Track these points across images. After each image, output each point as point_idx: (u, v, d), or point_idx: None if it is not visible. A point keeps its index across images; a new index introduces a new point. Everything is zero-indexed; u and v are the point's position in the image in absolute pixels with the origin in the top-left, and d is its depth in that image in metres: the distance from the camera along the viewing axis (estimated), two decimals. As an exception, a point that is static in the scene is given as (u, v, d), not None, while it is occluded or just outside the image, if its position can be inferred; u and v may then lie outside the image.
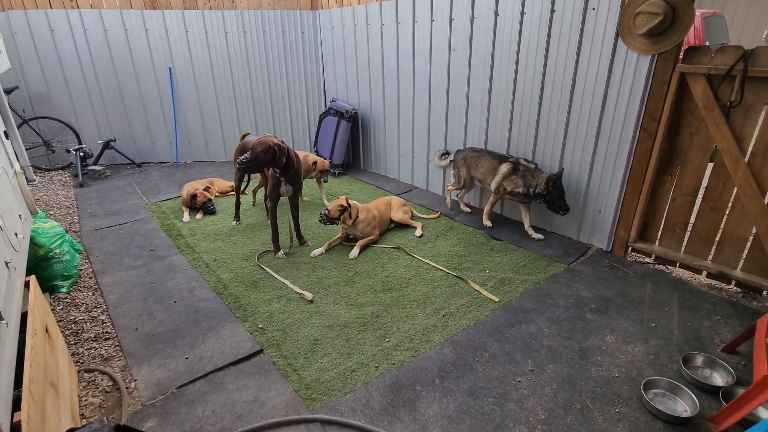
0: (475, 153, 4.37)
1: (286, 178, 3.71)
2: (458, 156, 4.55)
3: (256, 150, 3.45)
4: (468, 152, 4.43)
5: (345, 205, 3.93)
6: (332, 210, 3.92)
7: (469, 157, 4.40)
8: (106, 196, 5.39)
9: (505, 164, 4.05)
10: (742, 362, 2.58)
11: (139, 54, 6.13)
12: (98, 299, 3.29)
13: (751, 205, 3.02)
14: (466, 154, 4.45)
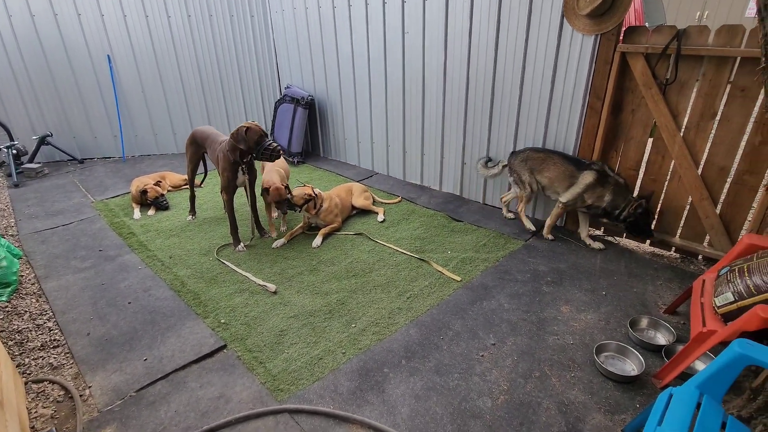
0: (538, 154, 3.67)
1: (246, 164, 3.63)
2: (515, 159, 3.83)
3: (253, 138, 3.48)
4: (529, 153, 3.73)
5: (311, 195, 3.86)
6: (297, 197, 3.83)
7: (531, 159, 3.70)
8: (46, 196, 5.02)
9: (588, 172, 3.39)
10: (681, 321, 2.80)
11: (73, 41, 5.67)
12: (43, 306, 3.09)
13: (687, 176, 3.24)
14: (526, 155, 3.73)
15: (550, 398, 2.26)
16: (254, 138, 3.44)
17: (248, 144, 3.44)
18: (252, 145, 3.46)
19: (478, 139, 4.36)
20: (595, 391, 2.30)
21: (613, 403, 2.23)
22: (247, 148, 3.46)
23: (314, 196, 3.87)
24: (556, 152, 3.66)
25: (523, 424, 2.12)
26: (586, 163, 3.49)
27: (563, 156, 3.59)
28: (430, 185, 5.06)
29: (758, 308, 1.88)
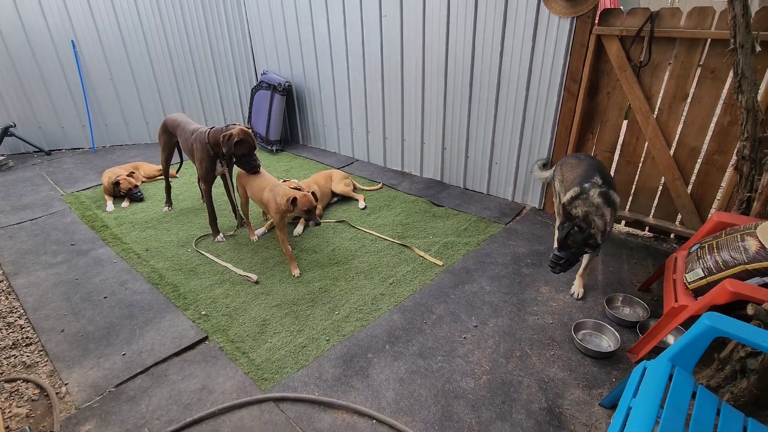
0: (572, 160, 3.05)
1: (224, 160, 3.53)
2: (557, 164, 3.23)
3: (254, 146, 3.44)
4: (566, 158, 3.17)
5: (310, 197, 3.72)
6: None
7: (564, 165, 3.10)
8: (12, 190, 4.81)
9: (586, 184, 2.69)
10: (655, 298, 2.90)
11: (33, 26, 5.37)
12: (13, 303, 2.98)
13: (660, 157, 3.31)
14: (563, 160, 3.18)
15: (530, 376, 2.32)
16: (241, 152, 3.35)
17: (233, 153, 3.35)
18: (237, 156, 3.38)
19: (457, 124, 4.36)
20: (574, 368, 2.37)
21: (590, 379, 2.30)
22: (229, 156, 3.39)
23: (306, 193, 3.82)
24: (590, 158, 2.99)
25: (505, 402, 2.17)
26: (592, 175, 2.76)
27: (590, 162, 2.91)
28: (411, 171, 5.05)
29: (726, 282, 1.95)
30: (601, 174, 2.72)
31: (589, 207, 2.56)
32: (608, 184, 2.66)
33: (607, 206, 2.57)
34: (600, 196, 2.58)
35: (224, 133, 3.29)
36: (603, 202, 2.57)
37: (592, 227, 2.50)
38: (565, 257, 2.57)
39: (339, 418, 2.10)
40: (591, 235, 2.50)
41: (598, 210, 2.55)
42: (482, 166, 4.36)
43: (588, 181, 2.66)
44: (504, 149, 4.12)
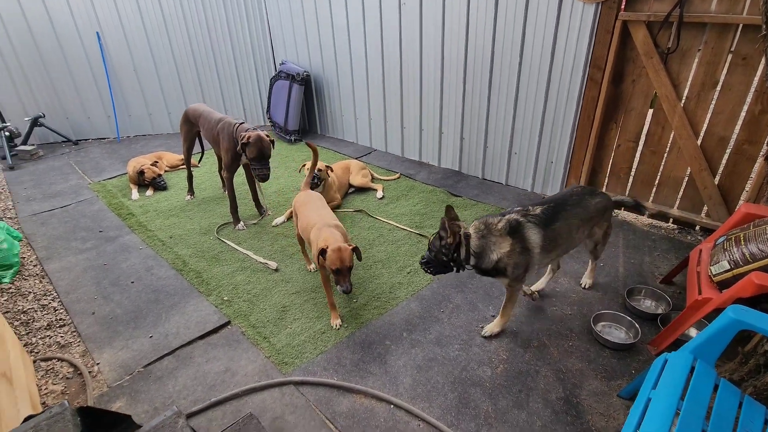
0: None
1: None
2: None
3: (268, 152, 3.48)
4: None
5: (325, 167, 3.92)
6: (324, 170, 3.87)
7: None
8: (43, 178, 4.99)
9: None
10: (677, 291, 2.84)
11: (60, 18, 5.51)
12: (47, 286, 3.12)
13: (687, 147, 3.22)
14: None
15: (548, 366, 2.32)
16: (251, 154, 3.41)
17: (244, 153, 3.45)
18: (249, 158, 3.46)
19: (476, 113, 4.31)
20: (592, 359, 2.36)
21: (609, 370, 2.29)
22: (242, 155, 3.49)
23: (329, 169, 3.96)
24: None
25: (522, 391, 2.18)
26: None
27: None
28: (429, 161, 5.03)
29: (753, 275, 1.91)
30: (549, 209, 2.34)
31: (478, 230, 2.29)
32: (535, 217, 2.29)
33: (505, 235, 2.23)
34: (506, 223, 2.26)
35: (244, 131, 3.42)
36: (503, 230, 2.24)
37: (447, 238, 2.25)
38: (427, 258, 2.39)
39: (357, 402, 2.15)
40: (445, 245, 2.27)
41: (487, 234, 2.26)
42: (501, 155, 4.32)
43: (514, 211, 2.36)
44: (524, 139, 4.07)
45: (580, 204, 2.43)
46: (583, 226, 2.45)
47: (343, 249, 2.40)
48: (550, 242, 2.31)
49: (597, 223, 2.55)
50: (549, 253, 2.36)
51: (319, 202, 2.93)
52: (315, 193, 3.06)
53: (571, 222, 2.37)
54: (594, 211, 2.47)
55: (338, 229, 2.59)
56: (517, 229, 2.25)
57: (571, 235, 2.41)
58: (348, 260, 2.41)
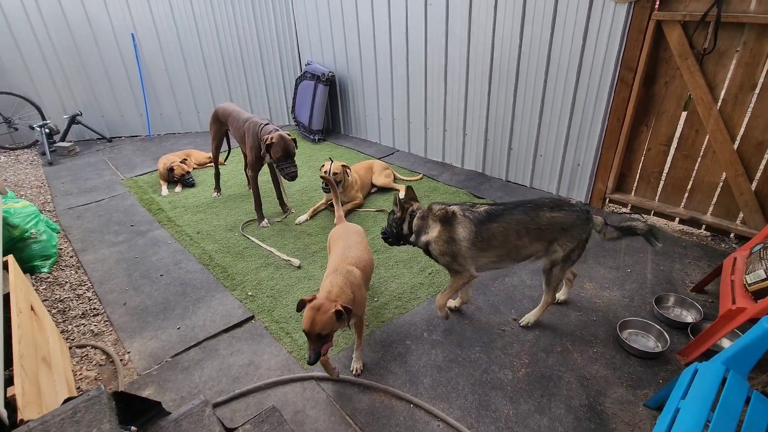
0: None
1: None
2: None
3: (292, 150, 3.52)
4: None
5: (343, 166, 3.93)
6: (340, 173, 3.88)
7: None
8: (79, 174, 5.21)
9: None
10: (709, 300, 2.75)
11: (97, 19, 5.75)
12: (82, 277, 3.26)
13: (722, 151, 3.11)
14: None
15: (571, 372, 2.28)
16: (276, 154, 3.46)
17: (269, 154, 3.49)
18: (272, 158, 3.51)
19: (501, 114, 4.27)
20: (618, 367, 2.31)
21: (635, 378, 2.23)
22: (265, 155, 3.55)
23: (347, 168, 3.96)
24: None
25: (544, 396, 2.15)
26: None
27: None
28: (452, 162, 5.01)
29: (792, 286, 1.83)
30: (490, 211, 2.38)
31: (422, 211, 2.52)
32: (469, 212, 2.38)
33: (437, 221, 2.40)
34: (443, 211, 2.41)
35: (268, 131, 3.49)
36: (437, 216, 2.41)
37: (397, 213, 2.56)
38: (385, 230, 2.69)
39: (377, 400, 2.17)
40: (395, 219, 2.57)
41: (426, 217, 2.46)
42: (526, 158, 4.26)
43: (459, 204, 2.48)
44: (550, 141, 4.01)
45: (531, 213, 2.32)
46: (528, 236, 2.33)
47: (322, 310, 1.87)
48: (483, 241, 2.34)
49: (555, 239, 2.34)
50: (483, 252, 2.37)
51: (352, 238, 2.47)
52: (352, 226, 2.65)
53: (510, 227, 2.31)
54: (547, 225, 2.31)
55: (349, 276, 2.10)
56: (449, 220, 2.38)
57: (510, 240, 2.33)
58: (320, 326, 1.83)
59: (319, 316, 1.86)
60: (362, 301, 2.21)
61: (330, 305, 1.88)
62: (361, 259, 2.29)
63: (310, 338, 1.88)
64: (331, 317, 1.86)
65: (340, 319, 1.90)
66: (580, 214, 2.34)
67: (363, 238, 2.55)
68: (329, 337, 1.92)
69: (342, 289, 2.02)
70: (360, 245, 2.41)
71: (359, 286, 2.15)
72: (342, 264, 2.19)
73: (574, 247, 2.36)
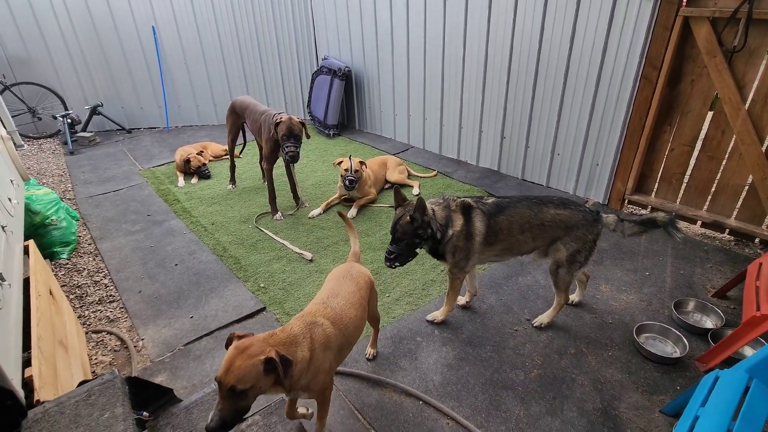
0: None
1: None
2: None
3: (297, 132, 3.51)
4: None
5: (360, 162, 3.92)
6: (359, 171, 3.86)
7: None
8: (99, 163, 5.31)
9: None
10: (732, 306, 2.66)
11: (120, 12, 5.84)
12: (99, 264, 3.32)
13: (749, 153, 3.00)
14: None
15: (585, 375, 2.24)
16: (281, 132, 3.50)
17: (275, 134, 3.54)
18: (278, 138, 3.54)
19: (519, 112, 4.20)
20: (633, 371, 2.25)
21: (651, 384, 2.18)
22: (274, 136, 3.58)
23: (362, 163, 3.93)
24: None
25: (557, 398, 2.11)
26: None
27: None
28: (467, 160, 4.96)
29: (823, 293, 1.75)
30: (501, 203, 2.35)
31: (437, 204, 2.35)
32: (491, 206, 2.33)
33: (459, 213, 2.30)
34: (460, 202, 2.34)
35: (276, 113, 3.55)
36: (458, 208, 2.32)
37: (422, 217, 2.22)
38: (395, 251, 2.31)
39: (387, 395, 2.16)
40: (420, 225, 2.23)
41: (446, 207, 2.33)
42: (543, 156, 4.19)
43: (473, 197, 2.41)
44: (568, 140, 3.93)
45: (535, 208, 2.30)
46: (530, 231, 2.30)
47: (247, 353, 1.36)
48: (492, 235, 2.31)
49: (558, 237, 2.29)
50: (490, 246, 2.34)
51: (347, 285, 1.92)
52: (359, 269, 2.06)
53: (514, 220, 2.29)
54: (551, 222, 2.27)
55: (314, 330, 1.62)
56: (469, 211, 2.32)
57: (513, 234, 2.31)
58: (235, 376, 1.31)
59: (239, 360, 1.33)
60: (323, 370, 1.61)
61: (261, 349, 1.37)
62: (343, 315, 1.76)
63: (220, 392, 1.33)
64: (256, 367, 1.33)
65: (269, 373, 1.36)
66: (587, 215, 2.29)
67: (362, 290, 1.95)
68: (247, 397, 1.34)
69: (294, 339, 1.52)
70: (352, 298, 1.87)
71: (324, 347, 1.61)
72: (313, 313, 1.71)
73: (579, 248, 2.30)
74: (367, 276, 2.04)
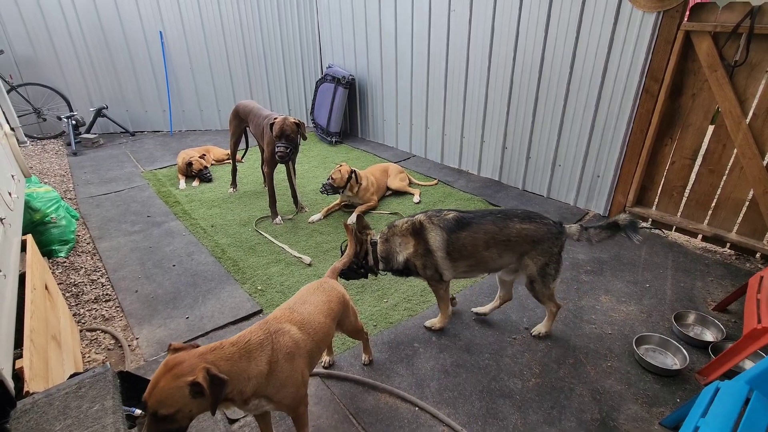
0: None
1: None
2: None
3: (290, 134, 3.51)
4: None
5: (351, 171, 3.90)
6: (338, 179, 3.86)
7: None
8: (101, 165, 5.33)
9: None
10: (733, 320, 2.64)
11: (128, 16, 5.92)
12: (97, 263, 3.30)
13: (750, 167, 3.01)
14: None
15: (583, 385, 2.21)
16: (274, 132, 3.51)
17: (271, 132, 3.55)
18: (273, 136, 3.55)
19: (521, 123, 4.23)
20: (633, 383, 2.22)
21: (651, 396, 2.14)
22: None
23: (354, 172, 3.92)
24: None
25: (554, 407, 2.08)
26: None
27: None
28: (468, 169, 4.97)
29: (825, 305, 1.74)
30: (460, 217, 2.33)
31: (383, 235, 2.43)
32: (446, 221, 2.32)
33: (408, 236, 2.34)
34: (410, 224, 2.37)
35: (271, 117, 3.57)
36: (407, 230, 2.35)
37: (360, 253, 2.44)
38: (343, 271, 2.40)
39: (382, 400, 2.12)
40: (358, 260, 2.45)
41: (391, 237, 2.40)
42: (544, 167, 4.20)
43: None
44: (569, 151, 3.94)
45: (500, 224, 2.28)
46: (497, 247, 2.27)
47: (173, 372, 1.23)
48: (455, 250, 2.29)
49: (525, 252, 2.28)
50: (456, 261, 2.32)
51: (318, 297, 1.83)
52: (333, 286, 1.96)
53: (479, 236, 2.27)
54: (516, 237, 2.25)
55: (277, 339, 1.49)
56: (419, 231, 2.33)
57: (479, 250, 2.28)
58: (156, 399, 1.20)
59: (164, 380, 1.21)
60: (292, 382, 1.49)
61: (191, 367, 1.22)
62: (311, 320, 1.67)
63: (147, 414, 1.21)
64: (180, 390, 1.19)
65: (196, 397, 1.21)
66: (551, 227, 2.29)
67: (332, 303, 1.85)
68: (175, 421, 1.21)
69: (247, 352, 1.37)
70: (321, 306, 1.78)
71: (288, 357, 1.47)
72: (278, 318, 1.60)
73: (548, 261, 2.29)
74: (339, 292, 1.95)
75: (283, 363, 1.46)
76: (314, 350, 1.67)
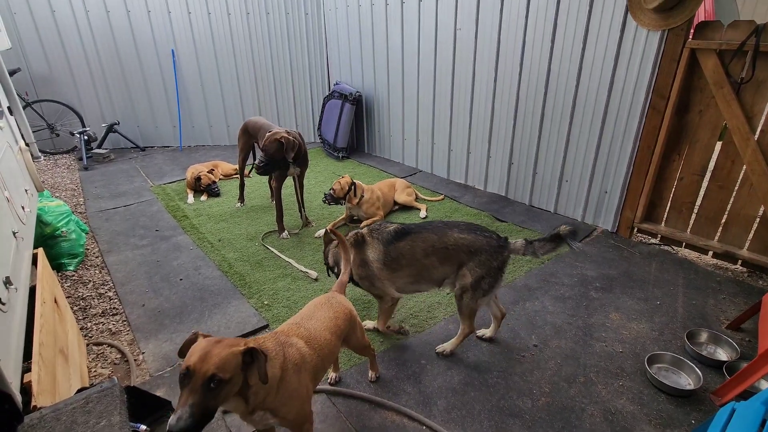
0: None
1: (295, 162, 3.72)
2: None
3: (269, 151, 3.52)
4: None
5: (350, 183, 3.92)
6: (338, 190, 3.90)
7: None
8: (111, 179, 5.41)
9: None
10: (747, 338, 2.58)
11: (142, 36, 6.08)
12: (105, 277, 3.32)
13: (760, 183, 2.98)
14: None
15: (595, 405, 2.16)
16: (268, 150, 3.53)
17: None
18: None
19: (527, 138, 4.24)
20: (645, 403, 2.17)
21: (665, 417, 2.09)
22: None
23: (353, 183, 3.95)
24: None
25: (565, 428, 2.04)
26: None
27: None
28: (475, 185, 4.98)
29: (842, 325, 1.70)
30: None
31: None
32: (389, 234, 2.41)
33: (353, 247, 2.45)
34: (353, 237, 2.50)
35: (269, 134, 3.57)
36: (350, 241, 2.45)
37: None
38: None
39: (389, 418, 2.09)
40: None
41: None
42: (551, 183, 4.19)
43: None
44: (576, 167, 3.94)
45: (439, 232, 2.32)
46: (435, 255, 2.30)
47: (225, 343, 1.30)
48: (392, 261, 2.36)
49: (463, 262, 2.27)
50: (395, 272, 2.38)
51: (324, 313, 1.83)
52: (341, 301, 1.96)
53: (417, 244, 2.32)
54: (453, 245, 2.26)
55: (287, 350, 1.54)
56: (360, 243, 2.45)
57: (417, 259, 2.33)
58: (215, 363, 1.23)
59: (217, 348, 1.26)
60: (298, 395, 1.52)
61: (238, 341, 1.33)
62: (317, 336, 1.69)
63: (191, 384, 1.20)
64: (236, 357, 1.27)
65: (248, 366, 1.30)
66: (491, 240, 2.28)
67: (339, 319, 1.85)
68: (218, 396, 1.22)
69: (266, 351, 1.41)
70: (328, 323, 1.78)
71: (297, 368, 1.52)
72: (286, 332, 1.63)
73: (483, 275, 2.26)
74: (346, 308, 1.94)
75: (291, 373, 1.50)
76: (319, 366, 1.68)
